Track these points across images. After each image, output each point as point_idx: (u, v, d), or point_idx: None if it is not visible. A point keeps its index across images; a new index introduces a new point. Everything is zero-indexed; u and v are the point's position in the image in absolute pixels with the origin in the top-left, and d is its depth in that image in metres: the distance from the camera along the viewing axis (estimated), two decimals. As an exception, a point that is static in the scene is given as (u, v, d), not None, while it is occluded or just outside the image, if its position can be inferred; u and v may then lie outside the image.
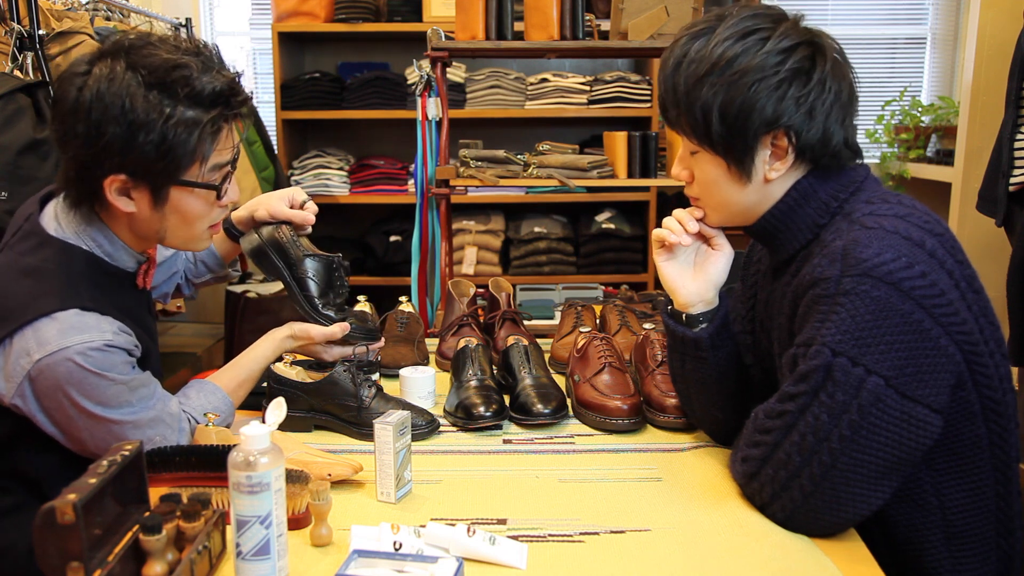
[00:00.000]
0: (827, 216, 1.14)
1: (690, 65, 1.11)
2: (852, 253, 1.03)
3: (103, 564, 0.84)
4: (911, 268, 1.01)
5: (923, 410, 1.01)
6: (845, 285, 1.02)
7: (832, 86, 1.10)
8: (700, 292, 1.25)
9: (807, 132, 1.10)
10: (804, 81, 1.09)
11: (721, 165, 1.14)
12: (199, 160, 1.21)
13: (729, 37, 1.10)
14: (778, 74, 1.08)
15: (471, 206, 3.94)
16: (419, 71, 2.45)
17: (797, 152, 1.12)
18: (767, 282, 1.28)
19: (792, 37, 1.10)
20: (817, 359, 1.02)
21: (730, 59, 1.08)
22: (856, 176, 1.16)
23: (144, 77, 1.15)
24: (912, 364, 1.00)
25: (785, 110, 1.09)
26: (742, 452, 1.13)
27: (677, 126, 1.17)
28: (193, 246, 1.33)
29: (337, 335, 1.46)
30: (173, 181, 1.21)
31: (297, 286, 1.49)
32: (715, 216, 1.22)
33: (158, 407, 1.26)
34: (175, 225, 1.26)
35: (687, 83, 1.12)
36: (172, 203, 1.23)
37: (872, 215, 1.08)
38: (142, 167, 1.18)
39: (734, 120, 1.09)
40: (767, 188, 1.15)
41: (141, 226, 1.26)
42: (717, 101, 1.09)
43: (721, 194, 1.17)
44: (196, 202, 1.25)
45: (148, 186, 1.20)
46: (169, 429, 1.27)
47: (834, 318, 1.02)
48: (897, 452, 1.02)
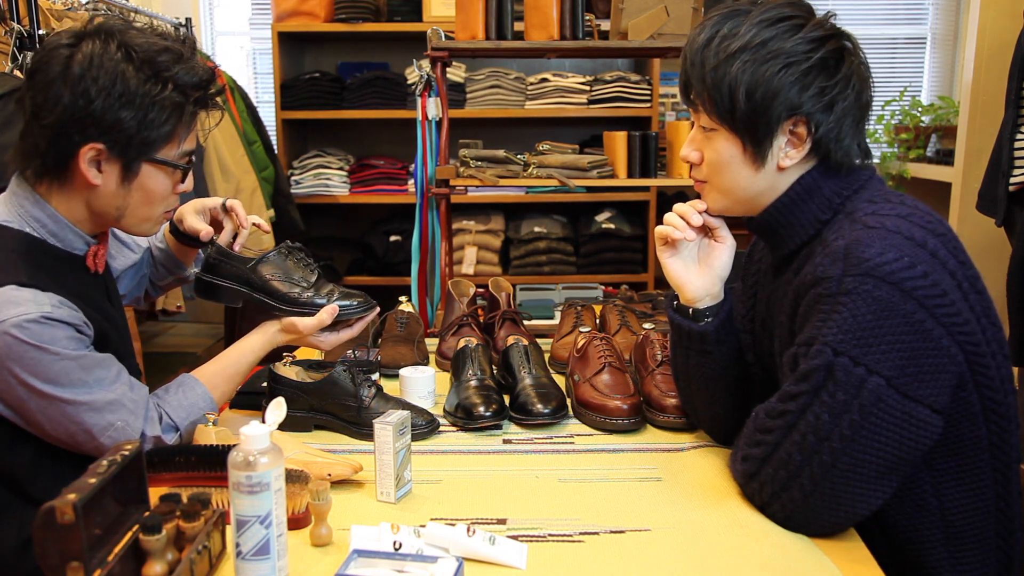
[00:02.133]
0: (829, 212, 1.14)
1: (722, 41, 1.12)
2: (854, 252, 1.03)
3: (103, 564, 0.84)
4: (913, 268, 1.01)
5: (924, 410, 1.01)
6: (847, 285, 1.02)
7: (855, 84, 1.12)
8: (706, 286, 1.25)
9: (824, 124, 1.11)
10: (830, 74, 1.10)
11: (737, 145, 1.15)
12: (175, 141, 1.25)
13: (764, 20, 1.11)
14: (808, 61, 1.09)
15: (471, 206, 3.94)
16: (419, 71, 2.45)
17: (813, 143, 1.12)
18: (768, 281, 1.28)
19: (824, 30, 1.11)
20: (818, 359, 1.02)
21: (763, 40, 1.09)
22: (861, 175, 1.16)
23: (137, 55, 1.20)
24: (913, 364, 1.00)
25: (809, 98, 1.09)
26: (742, 451, 1.13)
27: (698, 103, 1.17)
28: (146, 229, 1.32)
29: (326, 321, 1.42)
30: (146, 157, 1.24)
31: (265, 295, 1.43)
32: (719, 201, 1.21)
33: (119, 390, 1.23)
34: (137, 203, 1.27)
35: (717, 59, 1.12)
36: (140, 179, 1.25)
37: (874, 215, 1.08)
38: (122, 140, 1.20)
39: (760, 101, 1.10)
40: (777, 176, 1.16)
41: (101, 202, 1.26)
42: (745, 79, 1.10)
43: (732, 176, 1.17)
44: (162, 182, 1.27)
45: (121, 159, 1.22)
46: (132, 415, 1.24)
47: (836, 317, 1.02)
48: (898, 452, 1.02)
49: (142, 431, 1.25)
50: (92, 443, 1.22)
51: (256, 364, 1.43)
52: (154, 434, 1.27)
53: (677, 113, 4.03)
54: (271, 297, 1.43)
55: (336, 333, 1.46)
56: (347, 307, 1.44)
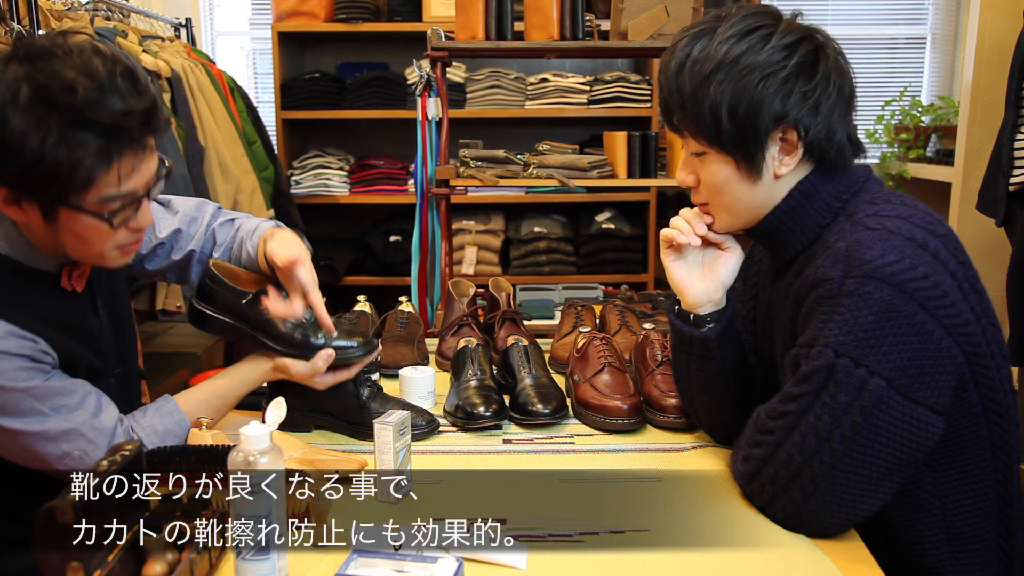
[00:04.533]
0: (829, 216, 1.14)
1: (695, 65, 1.11)
2: (856, 254, 1.02)
3: (103, 564, 0.84)
4: (915, 269, 1.01)
5: (925, 411, 1.01)
6: (848, 286, 1.02)
7: (836, 80, 1.11)
8: (709, 293, 1.24)
9: (814, 127, 1.10)
10: (809, 76, 1.09)
11: (730, 164, 1.14)
12: (86, 187, 1.08)
13: (732, 36, 1.09)
14: (785, 69, 1.08)
15: (471, 206, 3.93)
16: (419, 71, 2.45)
17: (805, 147, 1.12)
18: (768, 283, 1.28)
19: (794, 33, 1.10)
20: (820, 360, 1.02)
21: (736, 57, 1.08)
22: (858, 176, 1.16)
23: (33, 90, 1.04)
24: (914, 366, 1.00)
25: (793, 105, 1.09)
26: (743, 452, 1.13)
27: (683, 128, 1.16)
28: (103, 263, 1.20)
29: (321, 369, 1.33)
30: (58, 202, 1.09)
31: (260, 333, 1.34)
32: (725, 219, 1.20)
33: (79, 418, 1.17)
34: (73, 244, 1.16)
35: (692, 83, 1.11)
36: (63, 223, 1.12)
37: (875, 216, 1.08)
38: (18, 183, 1.07)
39: (744, 117, 1.09)
40: (776, 185, 1.15)
41: (40, 236, 1.16)
42: (725, 99, 1.09)
43: (732, 195, 1.16)
44: (91, 226, 1.12)
45: (36, 203, 1.10)
46: (91, 445, 1.17)
47: (837, 319, 1.02)
48: (898, 453, 1.01)
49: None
50: (50, 469, 1.17)
51: (241, 397, 1.35)
52: None
53: (677, 113, 4.02)
54: (267, 335, 1.34)
55: (332, 375, 1.36)
56: (345, 349, 1.36)
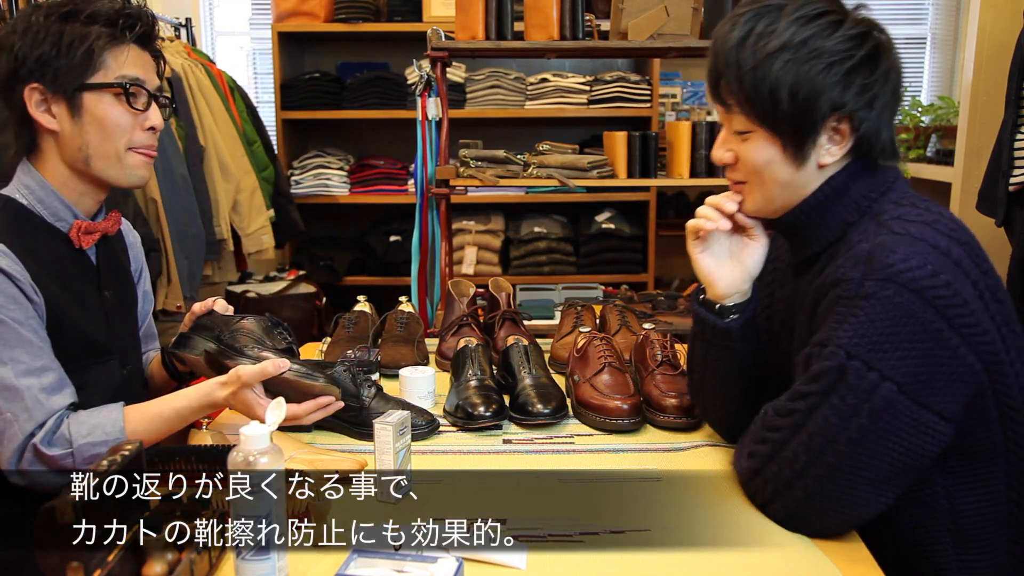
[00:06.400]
0: (856, 215, 1.13)
1: (758, 40, 1.09)
2: (878, 257, 1.02)
3: (103, 564, 0.84)
4: (936, 277, 1.00)
5: (934, 417, 1.00)
6: (867, 288, 1.01)
7: (893, 78, 1.11)
8: (736, 283, 1.23)
9: (867, 120, 1.10)
10: (871, 70, 1.09)
11: (776, 146, 1.12)
12: (104, 67, 1.27)
13: (801, 17, 1.09)
14: (852, 59, 1.08)
15: (471, 206, 3.93)
16: (419, 71, 2.45)
17: (855, 139, 1.11)
18: (788, 280, 1.27)
19: (861, 26, 1.10)
20: (831, 360, 1.01)
21: (804, 39, 1.07)
22: (888, 177, 1.15)
23: (44, 9, 1.28)
24: (927, 372, 0.99)
25: (852, 96, 1.08)
26: (748, 448, 1.13)
27: (733, 103, 1.13)
28: (119, 172, 1.31)
29: (270, 371, 1.26)
30: (80, 83, 1.26)
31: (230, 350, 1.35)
32: (757, 202, 1.18)
33: (27, 382, 1.16)
34: (96, 140, 1.28)
35: (755, 58, 1.09)
36: (88, 110, 1.27)
37: (900, 220, 1.07)
38: (49, 73, 1.25)
39: (804, 100, 1.08)
40: (815, 174, 1.14)
41: (66, 148, 1.29)
42: (787, 80, 1.08)
43: (772, 176, 1.14)
44: (112, 110, 1.28)
45: (63, 95, 1.26)
46: (26, 414, 1.16)
47: (852, 320, 1.01)
48: (904, 458, 1.01)
49: (30, 433, 1.17)
50: None
51: (188, 417, 1.29)
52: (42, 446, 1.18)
53: (677, 113, 4.03)
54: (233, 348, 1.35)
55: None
56: (300, 372, 1.30)
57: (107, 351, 1.34)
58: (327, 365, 1.37)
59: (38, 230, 1.28)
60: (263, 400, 1.27)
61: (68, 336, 1.26)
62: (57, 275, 1.27)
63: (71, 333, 1.27)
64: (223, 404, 1.29)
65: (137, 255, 1.54)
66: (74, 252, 1.33)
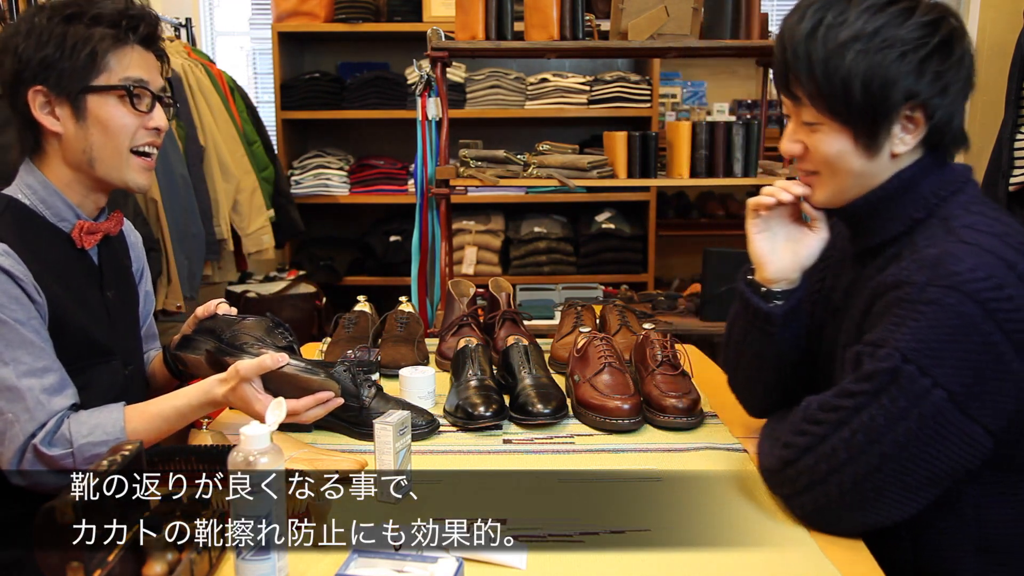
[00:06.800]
0: (924, 211, 1.12)
1: (829, 31, 1.08)
2: (945, 264, 1.01)
3: (103, 564, 0.84)
4: (1000, 290, 0.99)
5: (979, 430, 1.00)
6: (930, 294, 1.00)
7: (967, 63, 1.09)
8: (786, 270, 1.22)
9: (941, 108, 1.08)
10: (944, 57, 1.07)
11: (847, 137, 1.11)
12: (107, 69, 1.27)
13: (872, 6, 1.07)
14: (926, 47, 1.06)
15: (471, 206, 3.93)
16: (419, 71, 2.45)
17: (929, 128, 1.10)
18: (845, 269, 1.26)
19: (933, 12, 1.08)
20: (886, 362, 1.00)
21: (876, 29, 1.06)
22: (959, 176, 1.13)
23: (48, 11, 1.28)
24: (979, 384, 0.99)
25: (926, 84, 1.07)
26: (785, 438, 1.11)
27: (803, 95, 1.12)
28: (124, 174, 1.31)
29: (268, 365, 1.26)
30: (84, 86, 1.26)
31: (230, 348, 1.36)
32: (828, 192, 1.17)
33: (28, 383, 1.16)
34: (100, 142, 1.28)
35: (826, 50, 1.08)
36: (92, 112, 1.27)
37: (971, 228, 1.06)
38: (53, 75, 1.25)
39: (877, 91, 1.06)
40: (888, 164, 1.12)
41: (70, 151, 1.28)
42: (860, 70, 1.06)
43: (845, 167, 1.13)
44: (117, 112, 1.29)
45: (66, 97, 1.26)
46: (27, 415, 1.16)
47: (912, 324, 1.00)
48: (943, 467, 1.00)
49: (31, 434, 1.17)
50: None
51: (189, 416, 1.29)
52: (42, 446, 1.18)
53: (677, 113, 4.03)
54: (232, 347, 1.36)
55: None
56: (300, 367, 1.30)
57: (109, 351, 1.34)
58: (327, 365, 1.37)
59: (41, 230, 1.28)
60: (262, 396, 1.27)
61: (70, 336, 1.26)
62: (59, 275, 1.27)
63: (73, 333, 1.27)
64: (223, 400, 1.28)
65: (138, 255, 1.54)
66: (76, 252, 1.32)
